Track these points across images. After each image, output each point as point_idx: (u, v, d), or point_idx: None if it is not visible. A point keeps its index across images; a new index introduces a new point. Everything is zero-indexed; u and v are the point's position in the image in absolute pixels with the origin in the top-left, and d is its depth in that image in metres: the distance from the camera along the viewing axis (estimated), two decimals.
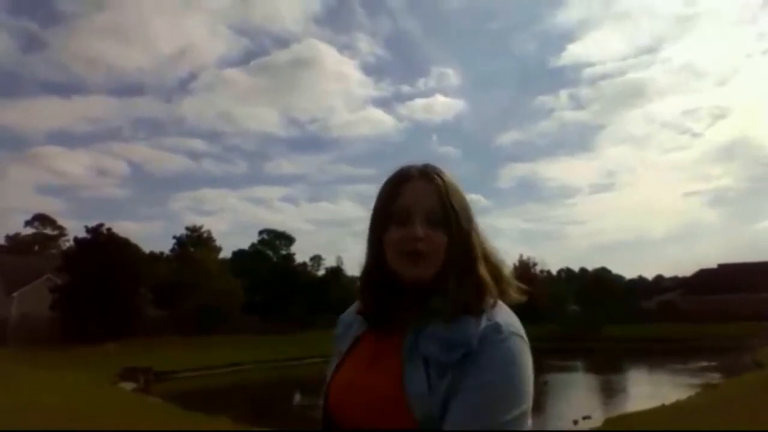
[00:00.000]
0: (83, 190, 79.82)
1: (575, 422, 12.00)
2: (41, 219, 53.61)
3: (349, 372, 1.05)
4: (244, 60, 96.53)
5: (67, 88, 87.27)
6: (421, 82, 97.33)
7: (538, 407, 18.05)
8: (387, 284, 1.03)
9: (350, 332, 1.12)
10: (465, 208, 1.05)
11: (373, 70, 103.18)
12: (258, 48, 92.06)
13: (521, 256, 50.77)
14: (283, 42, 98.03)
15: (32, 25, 79.10)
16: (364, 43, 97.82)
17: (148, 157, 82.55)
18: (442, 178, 1.05)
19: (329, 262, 52.64)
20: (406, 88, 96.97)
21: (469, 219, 1.05)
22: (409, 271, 0.99)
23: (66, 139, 78.97)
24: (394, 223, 1.01)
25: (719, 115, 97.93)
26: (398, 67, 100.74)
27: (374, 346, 1.04)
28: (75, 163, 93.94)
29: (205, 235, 45.80)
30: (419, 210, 1.00)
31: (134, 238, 36.36)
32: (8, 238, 52.59)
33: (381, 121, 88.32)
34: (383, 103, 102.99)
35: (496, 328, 0.93)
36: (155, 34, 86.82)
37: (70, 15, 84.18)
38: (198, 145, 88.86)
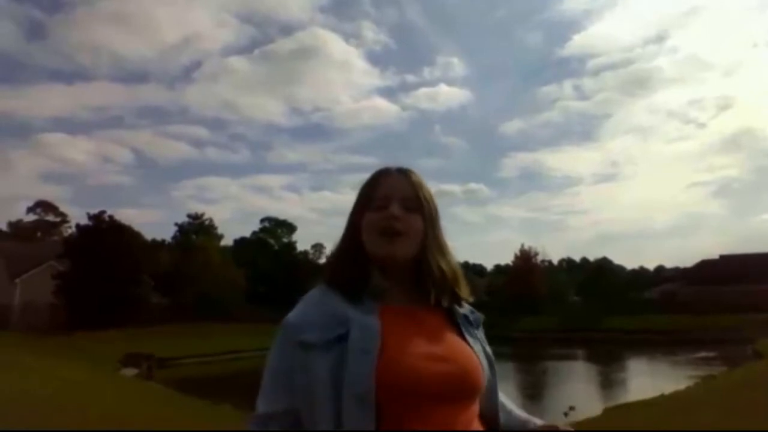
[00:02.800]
0: (86, 178, 79.89)
1: (565, 414, 12.03)
2: (43, 206, 53.68)
3: (412, 348, 1.00)
4: (248, 48, 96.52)
5: (71, 75, 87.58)
6: (426, 72, 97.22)
7: (536, 395, 18.13)
8: (367, 269, 1.09)
9: (364, 327, 1.00)
10: (433, 201, 1.17)
11: (378, 60, 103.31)
12: (263, 36, 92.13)
13: (522, 245, 50.84)
14: (287, 31, 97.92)
15: (36, 13, 79.02)
16: (370, 32, 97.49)
17: (151, 145, 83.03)
18: (416, 176, 1.17)
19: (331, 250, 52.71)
20: (411, 78, 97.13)
21: (437, 212, 1.17)
22: (383, 248, 1.07)
23: (69, 126, 79.08)
24: (372, 209, 1.10)
25: (725, 105, 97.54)
26: (403, 57, 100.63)
27: (412, 323, 1.07)
28: (78, 150, 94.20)
29: (206, 222, 45.88)
30: (396, 197, 1.10)
31: (137, 226, 36.47)
32: (10, 224, 52.74)
33: (385, 110, 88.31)
34: (388, 93, 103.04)
35: None
36: (159, 22, 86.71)
37: (73, 2, 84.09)
38: (201, 133, 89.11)
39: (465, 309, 1.18)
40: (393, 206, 1.08)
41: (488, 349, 1.16)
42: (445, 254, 1.15)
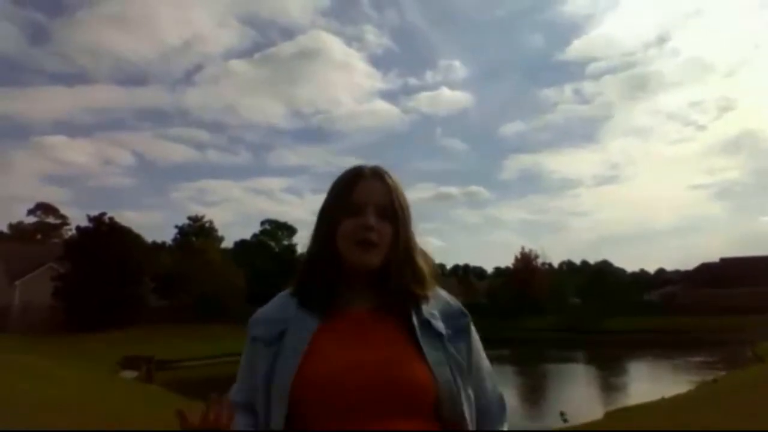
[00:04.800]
0: (87, 180, 79.97)
1: (565, 420, 12.01)
2: (43, 208, 53.69)
3: (342, 354, 1.03)
4: (250, 51, 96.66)
5: (72, 78, 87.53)
6: (428, 75, 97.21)
7: (536, 399, 18.10)
8: (335, 272, 1.12)
9: (299, 327, 1.08)
10: (407, 207, 1.17)
11: (380, 63, 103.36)
12: (265, 40, 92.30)
13: (523, 248, 50.93)
14: (289, 34, 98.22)
15: (38, 16, 79.22)
16: (371, 35, 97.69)
17: (152, 147, 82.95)
18: (391, 179, 1.16)
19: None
20: (413, 81, 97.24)
21: (409, 214, 1.17)
22: (360, 258, 1.09)
23: (70, 128, 79.17)
24: (347, 216, 1.11)
25: (726, 107, 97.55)
26: (406, 60, 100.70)
27: (354, 328, 1.08)
28: (79, 153, 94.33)
29: (207, 225, 45.85)
30: (371, 204, 1.11)
31: (137, 228, 36.63)
32: (11, 226, 52.77)
33: (386, 112, 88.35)
34: (390, 96, 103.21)
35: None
36: (161, 25, 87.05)
37: (75, 5, 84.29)
38: (202, 135, 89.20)
39: (436, 312, 1.12)
40: (369, 215, 1.09)
41: (466, 357, 1.11)
42: (412, 257, 1.14)
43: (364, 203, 1.11)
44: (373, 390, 0.98)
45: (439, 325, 1.10)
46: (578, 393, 18.38)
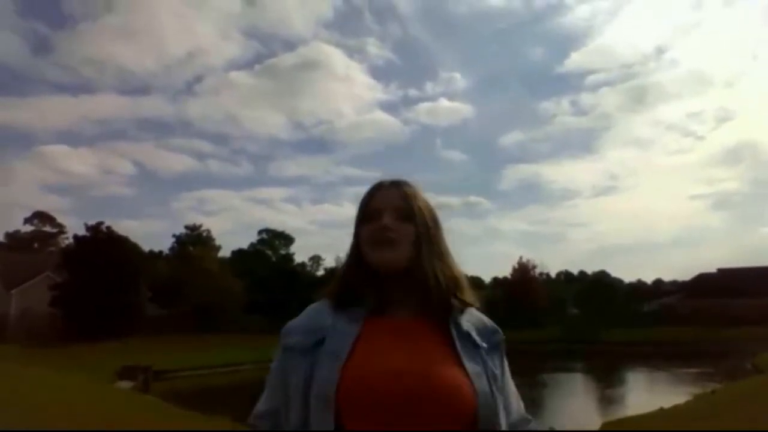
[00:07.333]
0: (89, 189, 79.64)
1: None
2: (40, 217, 53.59)
3: (382, 362, 1.02)
4: (251, 63, 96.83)
5: (75, 88, 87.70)
6: (428, 86, 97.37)
7: (533, 412, 18.04)
8: (365, 280, 1.13)
9: (340, 334, 1.07)
10: (430, 211, 1.20)
11: (381, 74, 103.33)
12: (267, 51, 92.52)
13: (521, 258, 50.81)
14: (291, 46, 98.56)
15: (41, 27, 79.46)
16: (373, 48, 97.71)
17: (153, 158, 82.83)
18: (410, 187, 1.20)
19: (329, 262, 52.55)
20: (413, 92, 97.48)
21: (435, 221, 1.20)
22: (380, 256, 1.11)
23: (73, 138, 78.95)
24: (366, 223, 1.15)
25: (725, 117, 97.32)
26: (406, 71, 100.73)
27: (395, 336, 1.08)
28: (81, 162, 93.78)
29: (204, 234, 45.80)
30: (388, 209, 1.15)
31: (137, 237, 36.60)
32: (8, 235, 52.61)
33: (387, 123, 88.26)
34: (391, 107, 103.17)
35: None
36: (164, 36, 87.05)
37: (79, 16, 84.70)
38: (204, 146, 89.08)
39: (472, 326, 1.15)
40: (385, 217, 1.13)
41: (500, 372, 1.14)
42: (442, 261, 1.16)
43: (381, 208, 1.15)
44: (414, 399, 0.97)
45: (475, 335, 1.14)
46: (576, 404, 18.33)
